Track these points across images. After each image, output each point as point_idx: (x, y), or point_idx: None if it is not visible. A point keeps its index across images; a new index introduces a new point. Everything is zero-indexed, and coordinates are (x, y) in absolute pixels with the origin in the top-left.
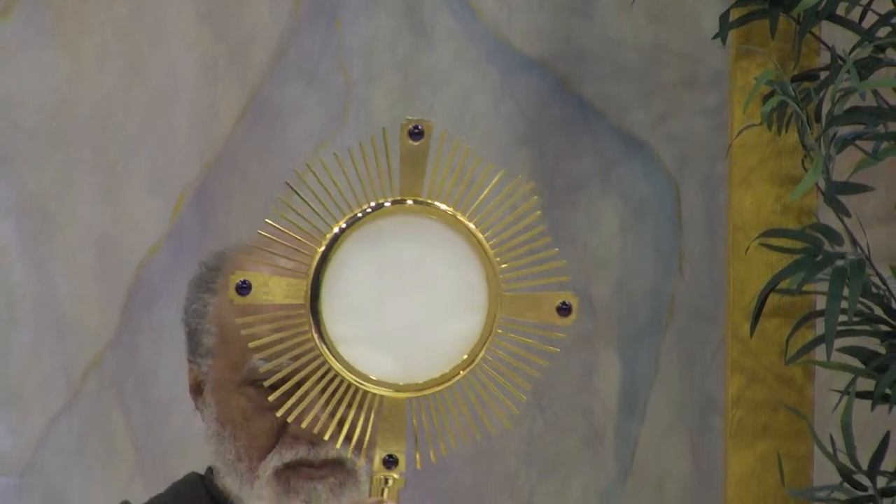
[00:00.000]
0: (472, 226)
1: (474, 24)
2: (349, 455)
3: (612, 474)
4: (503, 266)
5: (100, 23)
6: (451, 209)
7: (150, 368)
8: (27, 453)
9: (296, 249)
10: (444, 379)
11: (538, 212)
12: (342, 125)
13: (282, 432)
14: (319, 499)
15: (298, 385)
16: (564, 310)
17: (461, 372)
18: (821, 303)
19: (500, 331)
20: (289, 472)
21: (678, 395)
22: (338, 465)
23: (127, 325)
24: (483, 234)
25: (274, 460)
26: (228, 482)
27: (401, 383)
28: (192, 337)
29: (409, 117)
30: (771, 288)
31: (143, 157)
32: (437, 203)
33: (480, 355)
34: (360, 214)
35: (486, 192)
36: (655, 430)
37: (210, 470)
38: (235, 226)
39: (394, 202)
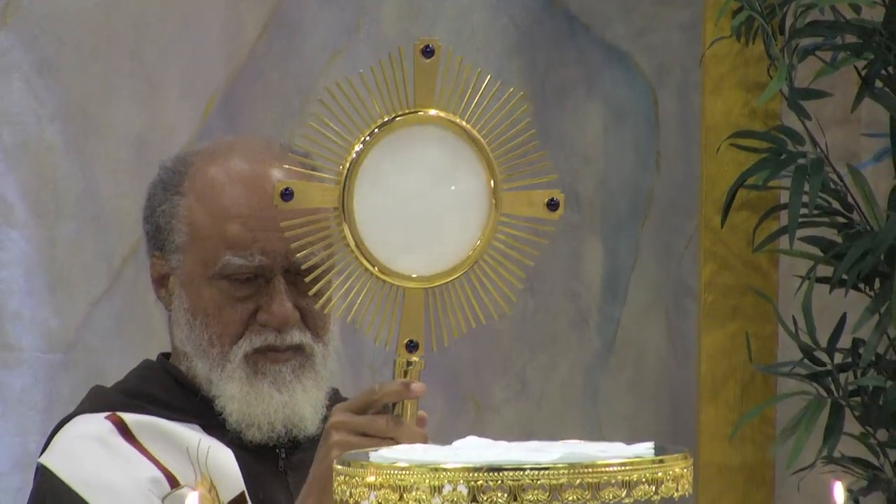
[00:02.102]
0: (475, 132)
1: None
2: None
3: (597, 351)
4: (501, 167)
5: None
6: (457, 118)
7: None
8: (72, 332)
9: (329, 158)
10: (454, 270)
11: (528, 119)
12: (355, 37)
13: (251, 321)
14: (284, 380)
15: (330, 281)
16: (553, 205)
17: (469, 263)
18: (784, 197)
19: (499, 226)
20: (256, 356)
21: (656, 280)
22: (299, 350)
23: None
24: (484, 140)
25: (244, 346)
26: (199, 366)
27: (416, 276)
28: (159, 234)
29: (421, 37)
30: (739, 184)
31: (175, 65)
32: (446, 114)
33: (484, 248)
34: (381, 125)
35: (486, 101)
36: (635, 311)
37: (165, 356)
38: (258, 129)
39: (409, 113)
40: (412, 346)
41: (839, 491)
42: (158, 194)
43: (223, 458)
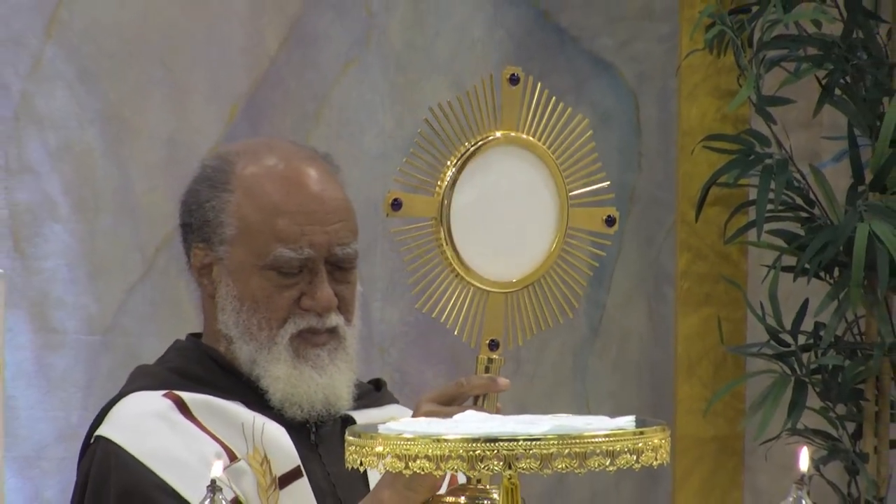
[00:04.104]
0: (550, 153)
1: None
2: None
3: (584, 334)
4: (570, 185)
5: None
6: (537, 140)
7: None
8: (110, 317)
9: (430, 172)
10: (530, 277)
11: (592, 143)
12: (365, 48)
13: (294, 307)
14: (323, 363)
15: (430, 283)
16: (610, 221)
17: (542, 271)
18: (753, 194)
19: (566, 238)
20: (299, 340)
21: (638, 269)
22: (334, 333)
23: None
24: (556, 160)
25: (290, 328)
26: (243, 348)
27: (500, 281)
28: (206, 227)
29: (509, 66)
30: (712, 182)
31: (202, 73)
32: (527, 136)
33: (555, 258)
34: (474, 144)
35: (558, 125)
36: (619, 297)
37: (196, 336)
38: (278, 131)
39: (497, 134)
40: (494, 345)
41: (804, 456)
42: (204, 191)
43: (277, 434)
